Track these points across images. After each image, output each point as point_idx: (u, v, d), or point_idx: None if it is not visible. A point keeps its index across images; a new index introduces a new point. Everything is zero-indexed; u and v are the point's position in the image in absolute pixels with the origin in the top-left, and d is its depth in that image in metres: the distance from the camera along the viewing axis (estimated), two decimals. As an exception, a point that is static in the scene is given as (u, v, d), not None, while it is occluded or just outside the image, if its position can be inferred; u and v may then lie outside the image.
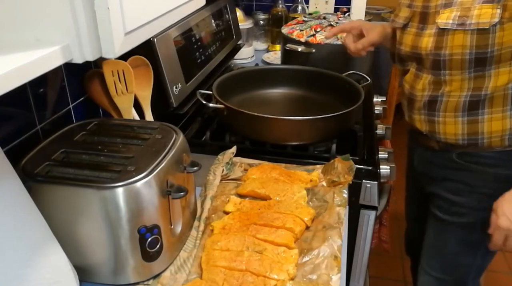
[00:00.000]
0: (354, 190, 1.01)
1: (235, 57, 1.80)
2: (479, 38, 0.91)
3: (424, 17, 1.02)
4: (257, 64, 1.89)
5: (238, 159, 1.12)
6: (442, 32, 0.96)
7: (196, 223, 0.91)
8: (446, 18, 0.94)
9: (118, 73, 1.03)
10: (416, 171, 1.24)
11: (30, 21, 0.56)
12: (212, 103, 1.22)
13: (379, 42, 1.25)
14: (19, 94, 0.86)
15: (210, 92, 1.26)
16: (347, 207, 0.96)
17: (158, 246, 0.76)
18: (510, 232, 0.98)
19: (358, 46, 1.25)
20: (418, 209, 1.33)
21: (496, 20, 0.89)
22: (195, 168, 0.85)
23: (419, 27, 1.04)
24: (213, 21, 1.54)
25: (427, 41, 0.99)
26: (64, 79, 0.99)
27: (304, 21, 1.64)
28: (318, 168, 1.08)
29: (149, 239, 0.74)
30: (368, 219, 1.01)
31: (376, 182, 1.05)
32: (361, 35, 1.27)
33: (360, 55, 1.29)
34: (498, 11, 0.88)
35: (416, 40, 1.04)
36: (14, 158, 0.72)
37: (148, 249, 0.75)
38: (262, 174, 1.04)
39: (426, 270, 1.22)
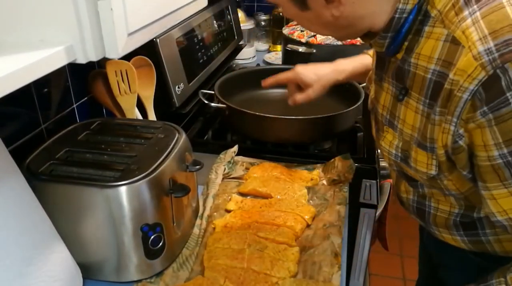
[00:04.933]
0: (354, 189, 1.02)
1: (237, 57, 1.81)
2: (431, 181, 0.73)
3: (376, 120, 0.84)
4: (258, 65, 1.89)
5: (239, 158, 1.12)
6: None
7: (198, 221, 0.92)
8: (389, 145, 0.77)
9: (121, 73, 1.04)
10: (427, 249, 1.04)
11: (35, 22, 0.56)
12: (214, 103, 1.22)
13: (323, 94, 1.05)
14: (23, 94, 0.87)
15: (212, 92, 1.26)
16: (347, 205, 0.97)
17: (160, 244, 0.77)
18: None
19: (296, 100, 1.05)
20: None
21: (433, 173, 0.70)
22: (197, 167, 0.85)
23: (375, 127, 0.86)
24: (215, 22, 1.55)
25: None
26: (68, 79, 1.00)
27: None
28: (319, 167, 1.09)
29: (152, 237, 0.75)
30: (368, 217, 1.01)
31: (375, 181, 1.05)
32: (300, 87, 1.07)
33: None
34: (434, 162, 0.68)
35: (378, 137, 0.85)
36: (18, 157, 0.72)
37: (150, 246, 0.76)
38: (263, 173, 1.05)
39: None
